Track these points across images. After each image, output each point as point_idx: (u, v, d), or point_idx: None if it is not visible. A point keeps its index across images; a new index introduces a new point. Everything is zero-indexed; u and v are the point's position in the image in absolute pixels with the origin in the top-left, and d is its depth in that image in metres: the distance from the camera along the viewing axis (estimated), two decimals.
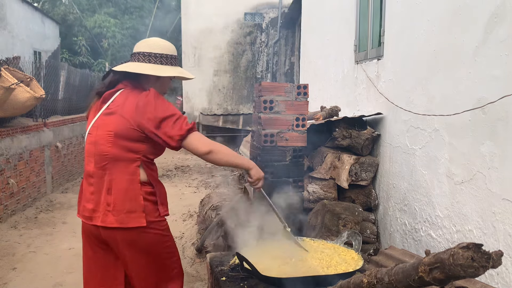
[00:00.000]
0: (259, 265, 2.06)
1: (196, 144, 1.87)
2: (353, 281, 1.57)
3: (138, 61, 1.96)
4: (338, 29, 5.02)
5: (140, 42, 2.03)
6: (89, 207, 1.95)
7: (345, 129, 3.55)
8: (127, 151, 1.88)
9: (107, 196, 1.89)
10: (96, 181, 1.93)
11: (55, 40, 16.77)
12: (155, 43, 1.99)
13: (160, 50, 1.97)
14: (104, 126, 1.92)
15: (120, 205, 1.87)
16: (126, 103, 1.89)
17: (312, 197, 3.41)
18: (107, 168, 1.90)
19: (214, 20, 13.48)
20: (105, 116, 1.94)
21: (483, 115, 2.26)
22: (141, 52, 1.97)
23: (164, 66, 1.97)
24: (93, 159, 1.94)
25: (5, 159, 5.29)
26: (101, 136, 1.92)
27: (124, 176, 1.89)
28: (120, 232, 1.89)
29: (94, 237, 1.99)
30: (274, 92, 2.84)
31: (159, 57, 1.96)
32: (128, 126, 1.86)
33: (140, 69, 1.93)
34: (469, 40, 2.38)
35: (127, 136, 1.87)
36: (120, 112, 1.89)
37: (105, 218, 1.89)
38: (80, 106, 9.04)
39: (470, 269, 1.10)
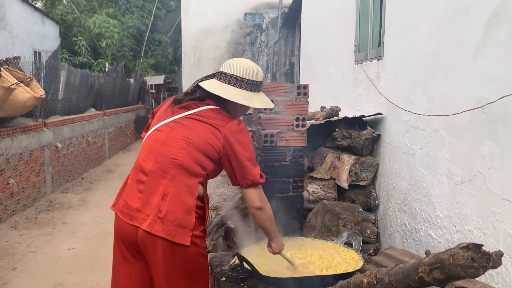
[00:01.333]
0: (259, 265, 2.06)
1: (254, 197, 1.89)
2: (353, 281, 1.57)
3: (229, 83, 1.90)
4: (338, 29, 5.02)
5: (233, 62, 1.96)
6: (133, 206, 1.82)
7: (345, 129, 3.55)
8: (197, 164, 1.81)
9: (161, 201, 1.78)
10: (149, 180, 1.82)
11: (55, 40, 16.78)
12: (249, 69, 1.93)
13: (253, 77, 1.93)
14: (183, 131, 1.85)
15: (172, 215, 1.77)
16: (219, 121, 1.85)
17: (312, 197, 3.41)
18: (169, 173, 1.80)
19: (214, 20, 13.49)
20: (188, 120, 1.87)
21: (483, 115, 2.25)
22: (233, 76, 1.90)
23: (253, 94, 1.94)
24: (154, 157, 1.83)
25: (5, 159, 5.29)
26: (175, 139, 1.83)
27: (184, 188, 1.80)
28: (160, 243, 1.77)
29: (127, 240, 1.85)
30: (274, 92, 2.84)
31: (251, 84, 1.92)
32: (210, 142, 1.81)
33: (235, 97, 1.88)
34: (469, 40, 2.38)
35: (205, 150, 1.81)
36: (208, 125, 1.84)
37: (153, 223, 1.76)
38: (80, 106, 9.04)
39: (470, 269, 1.10)
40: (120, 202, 1.89)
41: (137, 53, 21.14)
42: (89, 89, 9.68)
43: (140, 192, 1.82)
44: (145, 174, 1.83)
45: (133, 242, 1.83)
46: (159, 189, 1.79)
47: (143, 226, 1.77)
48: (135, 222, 1.79)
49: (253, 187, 1.87)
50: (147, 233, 1.77)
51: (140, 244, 1.81)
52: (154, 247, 1.78)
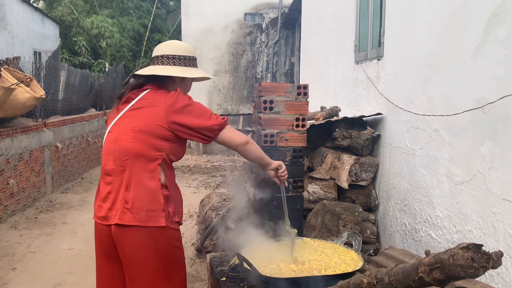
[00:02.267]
0: (260, 265, 2.06)
1: (233, 136, 1.93)
2: (353, 281, 1.57)
3: (162, 64, 1.96)
4: (338, 29, 5.02)
5: (161, 45, 2.02)
6: (105, 207, 1.88)
7: (345, 129, 3.55)
8: (150, 147, 1.84)
9: (126, 193, 1.83)
10: (114, 179, 1.87)
11: (55, 40, 16.78)
12: (177, 46, 1.99)
13: (183, 52, 1.98)
14: (128, 123, 1.88)
15: (139, 202, 1.81)
16: (155, 100, 1.87)
17: (312, 197, 3.41)
18: (127, 164, 1.84)
19: (214, 20, 13.48)
20: (131, 112, 1.90)
21: (483, 115, 2.25)
22: (164, 55, 1.96)
23: (189, 68, 1.99)
24: (112, 156, 1.88)
25: (5, 159, 5.29)
26: (124, 132, 1.88)
27: (144, 173, 1.83)
28: (135, 232, 1.80)
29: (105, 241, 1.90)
30: (274, 92, 2.84)
31: (183, 59, 1.97)
32: (155, 122, 1.84)
33: (169, 72, 1.93)
34: (469, 40, 2.38)
35: (152, 132, 1.84)
36: (148, 108, 1.87)
37: (122, 215, 1.81)
38: (80, 106, 9.04)
39: (470, 269, 1.10)
40: (95, 207, 1.96)
41: (137, 53, 21.13)
42: (89, 89, 9.68)
43: (109, 192, 1.88)
44: (109, 175, 1.89)
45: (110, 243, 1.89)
46: (122, 184, 1.85)
47: (115, 221, 1.82)
48: (110, 221, 1.85)
49: (225, 129, 1.91)
50: (119, 227, 1.82)
51: (115, 241, 1.86)
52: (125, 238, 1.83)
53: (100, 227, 1.91)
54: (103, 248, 1.95)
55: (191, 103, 1.88)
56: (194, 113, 1.86)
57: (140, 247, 1.83)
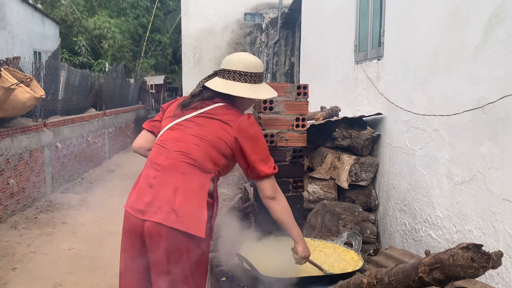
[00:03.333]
0: (260, 265, 2.06)
1: (267, 187, 1.92)
2: (353, 281, 1.57)
3: (234, 80, 1.94)
4: (338, 29, 5.02)
5: (234, 58, 1.98)
6: (144, 200, 1.81)
7: (345, 129, 3.55)
8: (209, 160, 1.83)
9: (173, 194, 1.78)
10: (161, 175, 1.83)
11: (55, 40, 16.78)
12: (250, 62, 1.97)
13: (255, 69, 1.97)
14: (195, 128, 1.87)
15: (186, 207, 1.78)
16: (228, 118, 1.88)
17: (312, 197, 3.41)
18: (181, 167, 1.82)
19: (214, 20, 13.49)
20: (199, 119, 1.89)
21: (483, 115, 2.25)
22: (237, 71, 1.94)
23: (257, 85, 1.98)
24: (166, 153, 1.86)
25: (5, 159, 5.29)
26: (188, 136, 1.86)
27: (195, 182, 1.81)
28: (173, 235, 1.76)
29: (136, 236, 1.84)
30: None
31: (254, 77, 1.96)
32: (222, 138, 1.84)
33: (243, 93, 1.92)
34: (469, 40, 2.38)
35: (217, 145, 1.84)
36: (218, 122, 1.87)
37: (167, 216, 1.76)
38: (80, 106, 9.04)
39: (470, 269, 1.10)
40: (131, 198, 1.89)
41: (137, 53, 21.13)
42: (89, 89, 9.68)
43: (150, 187, 1.83)
44: (157, 170, 1.85)
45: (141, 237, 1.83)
46: (170, 183, 1.80)
47: (155, 219, 1.76)
48: (145, 216, 1.79)
49: (266, 179, 1.90)
50: (159, 225, 1.76)
51: (147, 238, 1.80)
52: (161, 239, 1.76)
53: (132, 220, 1.84)
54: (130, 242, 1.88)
55: (261, 138, 1.91)
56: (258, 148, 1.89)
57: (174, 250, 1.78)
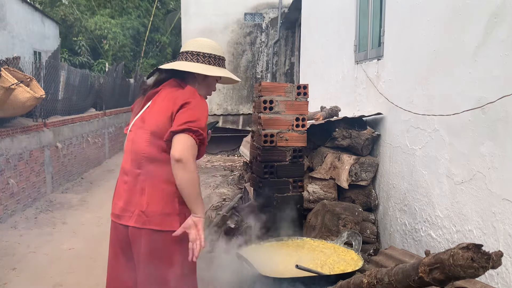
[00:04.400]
0: (260, 265, 2.06)
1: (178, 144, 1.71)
2: (353, 281, 1.58)
3: (186, 60, 1.92)
4: (338, 29, 5.02)
5: (189, 41, 1.99)
6: (119, 205, 1.88)
7: (345, 129, 3.55)
8: (162, 151, 1.81)
9: (141, 196, 1.82)
10: (130, 179, 1.87)
11: (55, 40, 16.77)
12: (204, 43, 1.95)
13: (209, 50, 1.93)
14: (143, 124, 1.89)
15: (154, 206, 1.80)
16: (164, 101, 1.84)
17: (312, 197, 3.41)
18: (142, 167, 1.83)
19: (214, 20, 13.48)
20: (148, 113, 1.90)
21: (483, 115, 2.25)
22: (189, 51, 1.92)
23: (213, 67, 1.92)
24: (130, 157, 1.89)
25: (5, 159, 5.28)
26: (139, 134, 1.88)
27: (160, 177, 1.81)
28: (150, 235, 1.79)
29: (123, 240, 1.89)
30: (274, 92, 2.84)
31: (208, 57, 1.91)
32: (163, 125, 1.80)
33: (188, 67, 1.87)
34: (469, 40, 2.38)
35: (162, 134, 1.80)
36: (157, 110, 1.85)
37: (138, 218, 1.80)
38: (80, 106, 9.04)
39: (470, 269, 1.10)
40: (112, 205, 1.97)
41: (137, 53, 21.13)
42: (89, 89, 9.68)
43: (124, 191, 1.89)
44: (126, 174, 1.90)
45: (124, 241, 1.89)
46: (137, 185, 1.85)
47: (131, 223, 1.83)
48: (122, 221, 1.86)
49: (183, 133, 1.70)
50: (135, 229, 1.82)
51: (131, 242, 1.86)
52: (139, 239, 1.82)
53: (116, 226, 1.91)
54: (117, 245, 1.94)
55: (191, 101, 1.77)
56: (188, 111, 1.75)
57: (154, 250, 1.81)
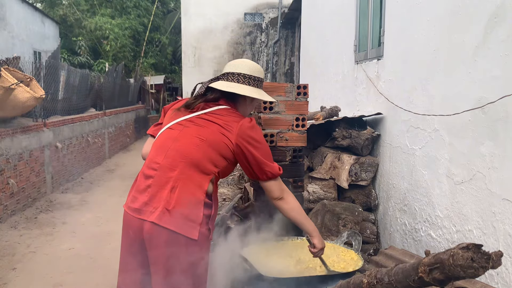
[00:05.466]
0: (260, 265, 2.06)
1: (273, 189, 1.94)
2: (353, 281, 1.58)
3: (238, 82, 1.98)
4: (338, 29, 5.02)
5: (237, 62, 2.05)
6: (141, 199, 1.82)
7: (345, 129, 3.55)
8: (209, 161, 1.84)
9: (170, 193, 1.78)
10: (158, 174, 1.83)
11: (55, 40, 16.78)
12: (253, 66, 2.03)
13: (258, 74, 2.02)
14: (195, 129, 1.88)
15: (181, 207, 1.77)
16: (229, 120, 1.90)
17: (312, 197, 3.41)
18: (180, 166, 1.82)
19: (214, 20, 13.49)
20: (200, 120, 1.91)
21: (483, 115, 2.25)
22: (241, 74, 1.98)
23: (260, 90, 2.03)
24: (165, 153, 1.86)
25: (5, 159, 5.28)
26: (188, 136, 1.87)
27: (193, 182, 1.81)
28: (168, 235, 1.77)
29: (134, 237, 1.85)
30: (274, 92, 2.84)
31: (257, 81, 2.01)
32: (223, 140, 1.85)
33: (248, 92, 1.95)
34: (469, 40, 2.38)
35: (218, 147, 1.85)
36: (220, 124, 1.88)
37: (161, 215, 1.76)
38: (80, 106, 9.04)
39: (470, 269, 1.10)
40: (129, 197, 1.90)
41: (137, 53, 21.13)
42: (89, 89, 9.68)
43: (148, 186, 1.83)
44: (154, 169, 1.85)
45: (139, 237, 1.82)
46: (168, 182, 1.80)
47: (151, 218, 1.76)
48: (143, 216, 1.79)
49: (272, 180, 1.93)
50: (155, 225, 1.76)
51: (145, 238, 1.80)
52: (158, 239, 1.77)
53: (130, 219, 1.84)
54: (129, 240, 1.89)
55: (263, 141, 1.93)
56: (261, 152, 1.90)
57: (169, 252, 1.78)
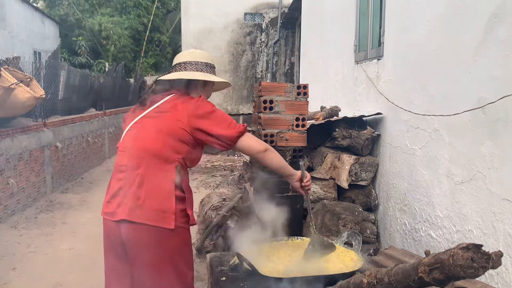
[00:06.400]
0: (260, 265, 2.06)
1: (252, 143, 1.95)
2: (353, 281, 1.58)
3: (185, 70, 2.03)
4: (338, 29, 5.02)
5: (182, 53, 2.11)
6: (114, 203, 1.87)
7: (345, 129, 3.55)
8: (170, 149, 1.86)
9: (138, 189, 1.82)
10: (126, 175, 1.87)
11: (55, 40, 16.78)
12: (198, 53, 2.09)
13: (204, 59, 2.07)
14: (152, 122, 1.92)
15: (151, 200, 1.80)
16: (180, 105, 1.92)
17: (312, 197, 3.41)
18: (143, 162, 1.85)
19: (214, 20, 13.48)
20: (155, 113, 1.94)
21: (483, 115, 2.25)
22: (187, 62, 2.04)
23: (210, 74, 2.07)
24: (128, 153, 1.90)
25: (5, 159, 5.28)
26: (146, 131, 1.90)
27: (159, 173, 1.84)
28: (144, 230, 1.79)
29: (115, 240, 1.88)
30: (274, 92, 2.84)
31: (205, 66, 2.06)
32: (178, 125, 1.87)
33: (194, 76, 2.00)
34: (469, 40, 2.38)
35: (175, 134, 1.87)
36: (173, 112, 1.90)
37: (132, 212, 1.79)
38: (80, 106, 9.04)
39: (469, 269, 1.10)
40: (104, 204, 1.94)
41: (137, 53, 21.13)
42: (89, 89, 9.68)
43: (120, 188, 1.87)
44: (122, 171, 1.89)
45: (117, 241, 1.87)
46: (135, 180, 1.84)
47: (124, 216, 1.80)
48: (117, 217, 1.83)
49: (242, 137, 1.92)
50: (128, 224, 1.80)
51: (125, 239, 1.83)
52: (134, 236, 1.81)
53: (109, 224, 1.89)
54: (110, 246, 1.93)
55: (213, 110, 1.93)
56: (215, 120, 1.91)
57: (148, 246, 1.81)
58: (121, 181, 1.88)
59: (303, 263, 2.25)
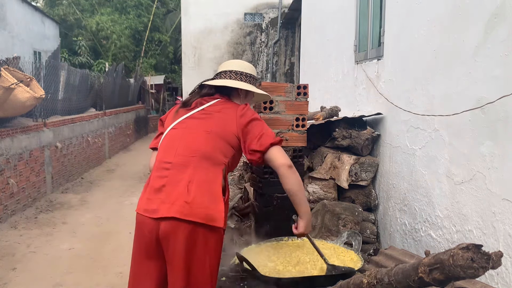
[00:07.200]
0: (259, 265, 2.06)
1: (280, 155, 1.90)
2: (353, 281, 1.58)
3: (230, 78, 2.07)
4: (338, 29, 5.02)
5: (229, 62, 2.17)
6: (157, 199, 1.80)
7: (345, 129, 3.55)
8: (219, 152, 1.87)
9: (187, 188, 1.78)
10: (172, 173, 1.83)
11: (55, 40, 16.78)
12: (245, 64, 2.15)
13: (249, 71, 2.13)
14: (200, 124, 1.93)
15: (200, 199, 1.77)
16: (229, 109, 1.96)
17: (312, 197, 3.41)
18: (193, 162, 1.83)
19: (214, 20, 13.48)
20: (202, 114, 1.96)
21: (483, 115, 2.25)
22: (233, 71, 2.10)
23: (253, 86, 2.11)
24: (174, 151, 1.87)
25: (5, 159, 5.29)
26: (195, 131, 1.91)
27: (208, 175, 1.83)
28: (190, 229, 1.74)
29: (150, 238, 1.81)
30: (274, 92, 2.84)
31: (249, 77, 2.11)
32: (228, 129, 1.90)
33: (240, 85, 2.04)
34: (469, 40, 2.38)
35: (225, 137, 1.89)
36: (221, 115, 1.94)
37: (181, 209, 1.74)
38: (80, 106, 9.04)
39: (469, 270, 1.10)
40: (143, 200, 1.87)
41: (137, 53, 21.13)
42: (89, 89, 9.68)
43: (163, 186, 1.82)
44: (167, 169, 1.85)
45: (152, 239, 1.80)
46: (183, 178, 1.80)
47: (171, 214, 1.74)
48: (159, 214, 1.76)
49: (275, 146, 1.90)
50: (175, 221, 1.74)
51: (162, 237, 1.77)
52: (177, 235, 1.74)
53: (146, 221, 1.81)
54: (143, 244, 1.85)
55: (257, 117, 1.96)
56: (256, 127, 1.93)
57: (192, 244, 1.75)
58: (166, 178, 1.83)
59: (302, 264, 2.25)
